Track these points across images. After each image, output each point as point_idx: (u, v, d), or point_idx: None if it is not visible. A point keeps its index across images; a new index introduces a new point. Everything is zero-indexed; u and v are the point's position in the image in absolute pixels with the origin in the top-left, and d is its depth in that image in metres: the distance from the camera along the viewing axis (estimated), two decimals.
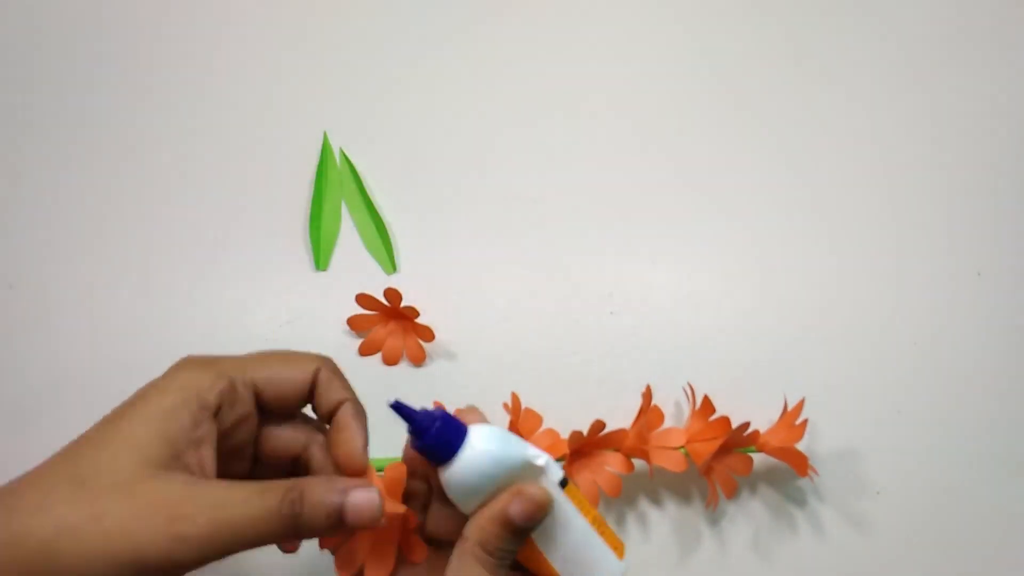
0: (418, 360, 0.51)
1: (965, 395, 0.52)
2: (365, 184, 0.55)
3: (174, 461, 0.30)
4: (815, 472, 0.48)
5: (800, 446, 0.47)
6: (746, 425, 0.45)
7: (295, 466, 0.35)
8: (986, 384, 0.52)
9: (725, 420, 0.46)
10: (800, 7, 0.60)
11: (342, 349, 0.52)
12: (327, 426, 0.35)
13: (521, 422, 0.47)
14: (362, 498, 0.31)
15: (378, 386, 0.51)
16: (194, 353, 0.34)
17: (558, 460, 0.46)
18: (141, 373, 0.33)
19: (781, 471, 0.50)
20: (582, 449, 0.46)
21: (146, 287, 0.53)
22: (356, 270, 0.54)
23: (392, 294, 0.49)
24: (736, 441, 0.46)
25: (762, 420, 0.48)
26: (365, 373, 0.52)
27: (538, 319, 0.53)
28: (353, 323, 0.52)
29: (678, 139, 0.57)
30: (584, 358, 0.52)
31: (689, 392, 0.49)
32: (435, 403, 0.47)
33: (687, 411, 0.49)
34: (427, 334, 0.50)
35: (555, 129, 0.57)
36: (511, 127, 0.57)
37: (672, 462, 0.46)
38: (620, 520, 0.49)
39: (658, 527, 0.49)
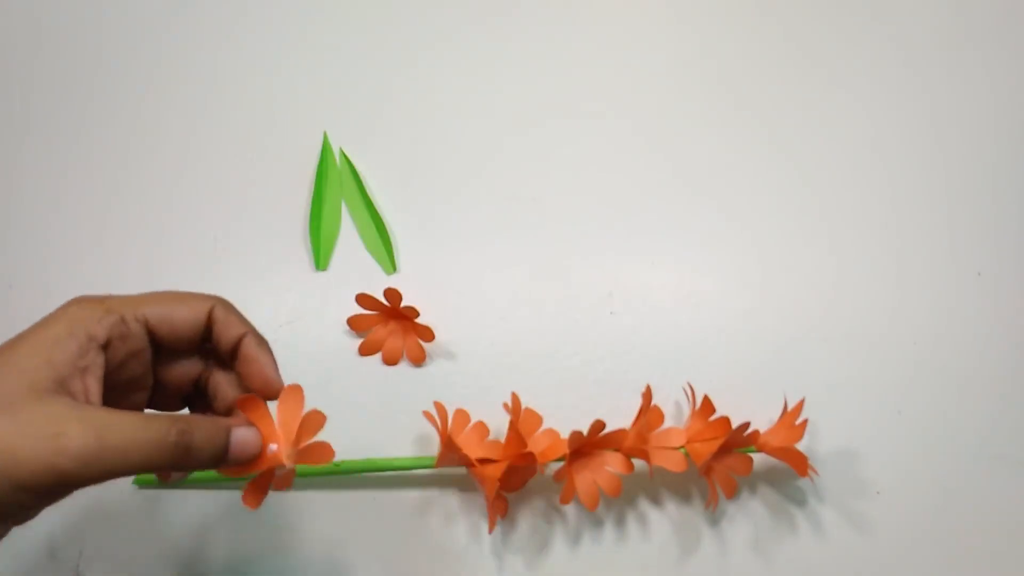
0: (418, 360, 0.51)
1: (965, 395, 0.52)
2: (365, 184, 0.55)
3: (59, 387, 0.31)
4: (815, 472, 0.48)
5: (800, 446, 0.47)
6: (746, 425, 0.45)
7: (191, 397, 0.38)
8: (986, 384, 0.52)
9: (725, 420, 0.46)
10: (801, 7, 0.60)
11: (342, 349, 0.52)
12: (235, 360, 0.36)
13: (521, 422, 0.47)
14: (245, 435, 0.34)
15: (378, 386, 0.51)
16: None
17: (558, 460, 0.46)
18: None
19: (781, 471, 0.49)
20: (582, 449, 0.46)
21: (146, 287, 0.53)
22: (356, 270, 0.54)
23: (392, 294, 0.49)
24: (736, 441, 0.46)
25: (762, 420, 0.48)
26: (365, 373, 0.52)
27: (538, 319, 0.53)
28: (353, 323, 0.52)
29: (678, 139, 0.57)
30: (584, 358, 0.52)
31: (689, 392, 0.49)
32: (435, 403, 0.47)
33: (687, 411, 0.49)
34: (427, 334, 0.50)
35: (555, 129, 0.57)
36: (511, 127, 0.57)
37: (672, 462, 0.46)
38: (620, 520, 0.49)
39: (658, 527, 0.49)
